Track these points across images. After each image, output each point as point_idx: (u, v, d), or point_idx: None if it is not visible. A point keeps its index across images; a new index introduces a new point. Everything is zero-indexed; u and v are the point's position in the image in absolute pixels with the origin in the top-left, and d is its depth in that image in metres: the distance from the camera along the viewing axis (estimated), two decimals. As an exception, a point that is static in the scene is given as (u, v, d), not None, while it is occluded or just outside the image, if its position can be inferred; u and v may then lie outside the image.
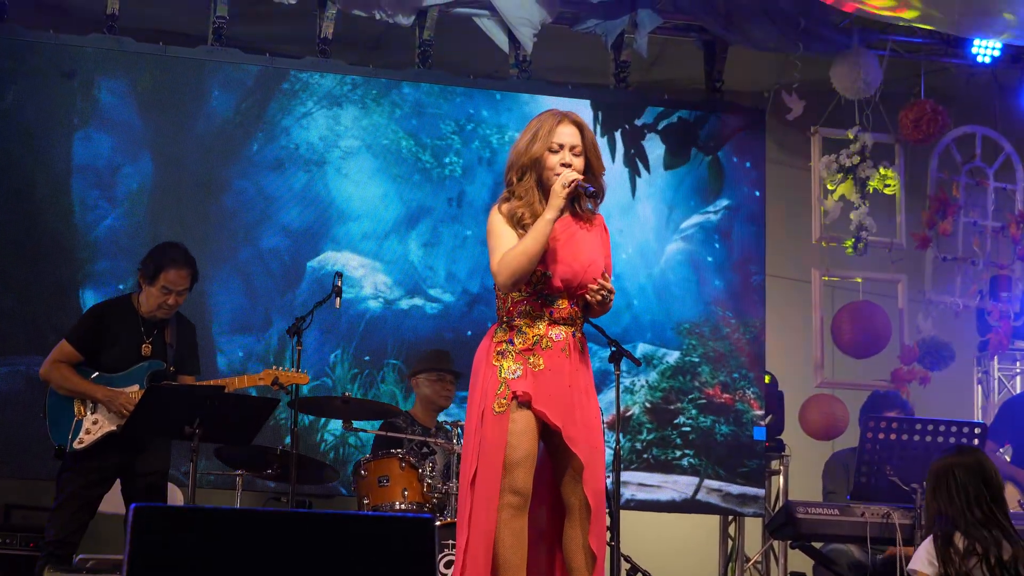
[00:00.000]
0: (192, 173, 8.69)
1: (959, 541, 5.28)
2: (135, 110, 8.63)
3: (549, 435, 5.04)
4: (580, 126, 5.13)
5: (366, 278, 8.79)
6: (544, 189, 5.05)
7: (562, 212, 5.01)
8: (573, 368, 5.05)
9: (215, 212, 8.69)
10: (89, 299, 8.27)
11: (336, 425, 8.49)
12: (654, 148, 9.39)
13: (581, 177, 5.02)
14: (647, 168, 9.34)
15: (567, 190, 4.97)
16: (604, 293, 5.01)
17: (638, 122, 9.37)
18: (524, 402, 4.96)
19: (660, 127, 9.40)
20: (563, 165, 5.04)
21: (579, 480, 4.98)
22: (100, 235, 8.49)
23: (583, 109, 9.10)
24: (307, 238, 8.79)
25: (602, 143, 9.13)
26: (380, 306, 8.82)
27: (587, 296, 5.04)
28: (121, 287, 8.22)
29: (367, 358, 8.75)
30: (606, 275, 5.09)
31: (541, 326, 5.03)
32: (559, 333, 5.05)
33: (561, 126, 5.10)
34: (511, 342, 5.03)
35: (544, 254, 4.98)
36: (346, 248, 8.82)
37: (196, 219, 8.62)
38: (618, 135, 9.32)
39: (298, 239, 8.77)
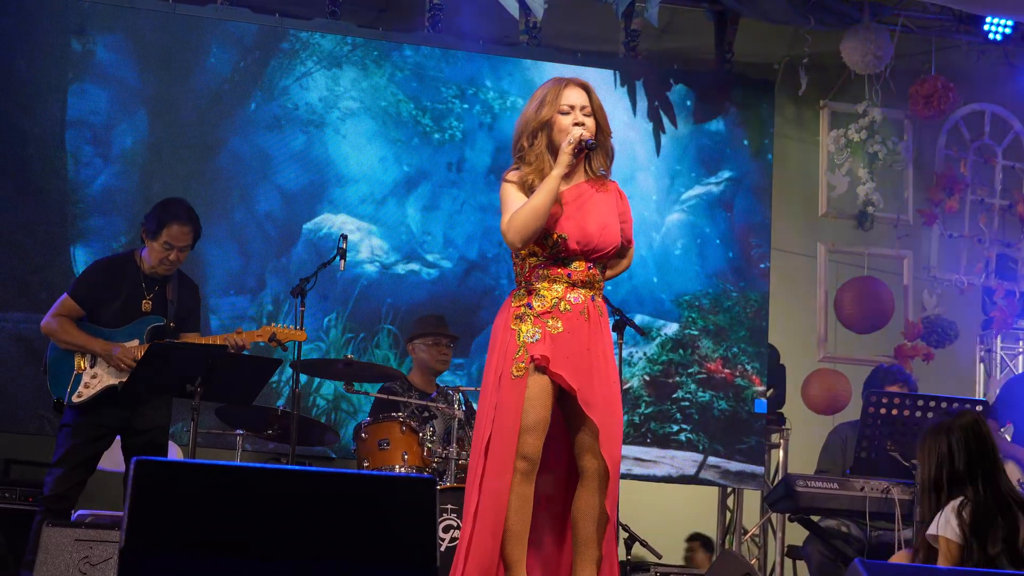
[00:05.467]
0: (189, 131, 8.60)
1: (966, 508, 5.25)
2: (132, 66, 8.54)
3: (566, 399, 5.02)
4: (586, 88, 5.15)
5: (362, 242, 8.73)
6: (554, 153, 5.05)
7: (571, 169, 5.02)
8: (592, 332, 5.03)
9: (211, 172, 8.62)
10: (80, 256, 8.22)
11: (328, 390, 8.47)
12: (679, 100, 9.37)
13: (586, 132, 5.02)
14: (673, 122, 9.29)
15: (572, 146, 4.97)
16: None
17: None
18: (541, 366, 4.94)
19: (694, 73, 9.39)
20: (575, 125, 5.03)
21: (596, 445, 4.95)
22: (94, 191, 8.40)
23: (596, 75, 9.04)
24: (303, 200, 8.72)
25: (622, 96, 9.14)
26: (376, 271, 8.77)
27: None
28: (114, 245, 8.19)
29: (362, 322, 8.70)
30: (627, 242, 5.16)
31: (559, 289, 5.02)
32: (578, 296, 5.03)
33: (568, 89, 5.12)
34: (530, 306, 5.02)
35: (559, 218, 4.98)
36: (343, 211, 8.75)
37: (191, 178, 8.54)
38: (639, 86, 9.25)
39: (294, 201, 8.70)
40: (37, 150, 8.35)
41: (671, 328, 9.17)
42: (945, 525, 5.15)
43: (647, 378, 9.09)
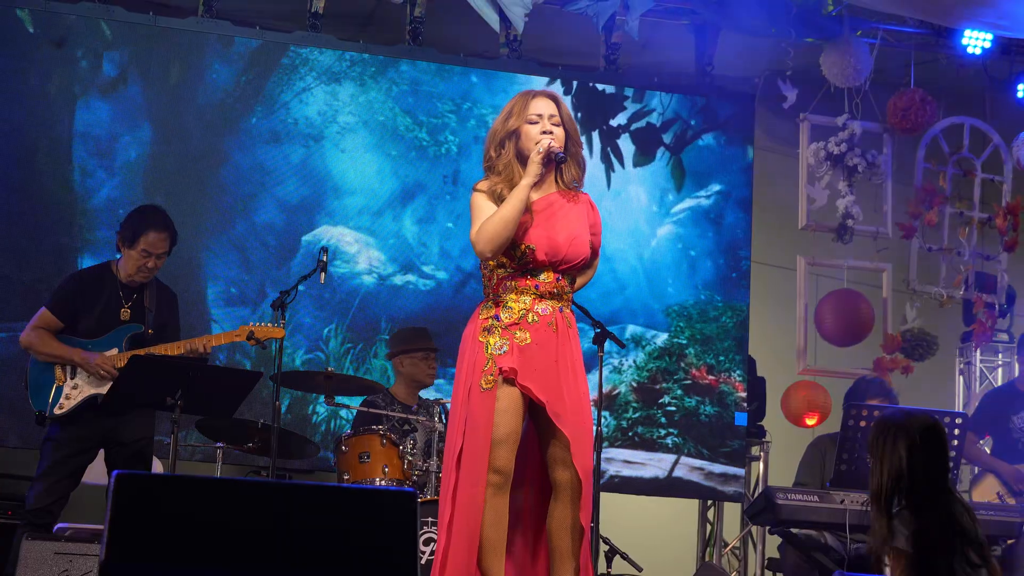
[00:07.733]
0: (190, 144, 8.72)
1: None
2: (136, 80, 8.67)
3: (536, 412, 5.02)
4: (555, 99, 5.18)
5: (360, 253, 8.84)
6: (523, 162, 5.07)
7: (542, 179, 5.05)
8: (560, 343, 5.05)
9: (212, 184, 8.74)
10: (86, 266, 8.25)
11: (326, 399, 8.55)
12: (627, 146, 9.42)
13: (556, 143, 5.04)
14: (621, 163, 9.36)
15: (541, 155, 4.99)
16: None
17: (613, 123, 9.37)
18: (509, 378, 4.95)
19: (632, 128, 9.39)
20: (544, 133, 5.06)
21: (567, 457, 4.96)
22: (98, 203, 8.51)
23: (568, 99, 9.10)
24: (303, 212, 8.84)
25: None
26: (374, 281, 8.86)
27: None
28: (119, 256, 8.23)
29: (360, 333, 8.80)
30: (594, 252, 5.19)
31: (527, 300, 5.04)
32: (546, 308, 5.05)
33: (536, 100, 5.17)
34: (497, 318, 5.04)
35: (528, 228, 5.00)
36: (341, 223, 8.88)
37: (193, 190, 8.67)
38: (595, 135, 9.29)
39: (294, 213, 8.82)
40: (45, 162, 8.48)
41: (661, 338, 9.27)
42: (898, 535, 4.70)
43: (634, 384, 9.20)
